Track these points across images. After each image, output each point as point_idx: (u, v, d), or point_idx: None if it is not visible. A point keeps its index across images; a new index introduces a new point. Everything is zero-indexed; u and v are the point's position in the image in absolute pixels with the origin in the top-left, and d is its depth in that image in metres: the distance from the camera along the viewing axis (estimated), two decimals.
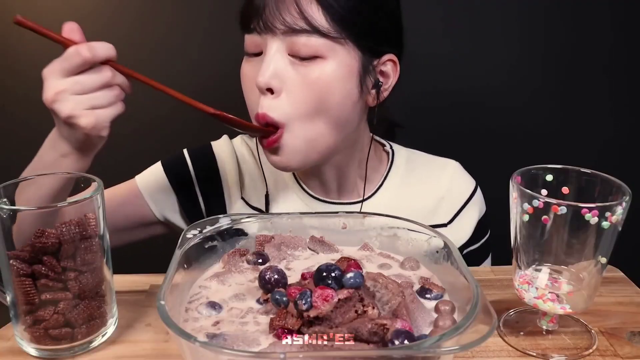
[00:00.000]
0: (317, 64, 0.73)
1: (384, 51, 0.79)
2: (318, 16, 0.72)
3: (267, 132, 0.75)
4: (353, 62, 0.75)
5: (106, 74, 0.65)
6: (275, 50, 0.73)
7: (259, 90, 0.74)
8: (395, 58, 0.80)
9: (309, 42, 0.72)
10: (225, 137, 0.95)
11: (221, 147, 0.93)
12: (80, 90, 0.64)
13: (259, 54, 0.76)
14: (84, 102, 0.64)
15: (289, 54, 0.73)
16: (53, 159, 0.69)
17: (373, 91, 0.79)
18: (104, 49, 0.65)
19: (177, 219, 0.91)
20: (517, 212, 0.56)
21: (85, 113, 0.64)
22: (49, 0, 1.20)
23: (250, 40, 0.76)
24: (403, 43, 0.82)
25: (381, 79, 0.80)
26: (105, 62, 0.66)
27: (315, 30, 0.72)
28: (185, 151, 0.92)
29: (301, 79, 0.73)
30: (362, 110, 0.81)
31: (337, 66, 0.74)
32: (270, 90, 0.73)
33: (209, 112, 0.71)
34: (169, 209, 0.91)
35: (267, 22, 0.72)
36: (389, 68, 0.80)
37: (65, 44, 0.65)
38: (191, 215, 0.91)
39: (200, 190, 0.90)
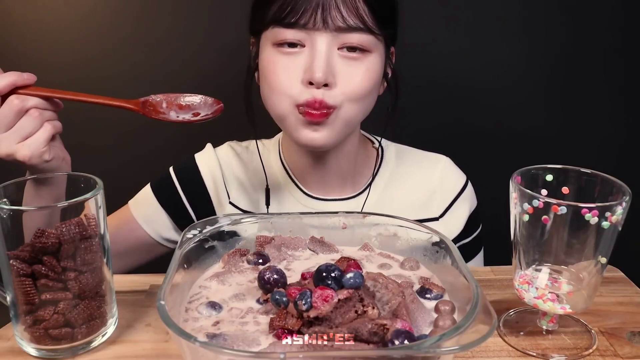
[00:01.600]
0: (365, 57, 0.77)
1: (392, 43, 0.84)
2: (368, 13, 0.75)
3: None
4: (384, 55, 0.81)
5: (13, 103, 0.64)
6: (327, 46, 0.75)
7: (315, 85, 0.75)
8: (394, 49, 0.86)
9: (361, 39, 0.76)
10: (208, 146, 0.95)
11: (204, 158, 0.94)
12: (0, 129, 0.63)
13: (296, 45, 0.76)
14: (11, 138, 0.64)
15: (338, 48, 0.76)
16: (33, 189, 0.69)
17: (382, 80, 0.84)
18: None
19: (173, 236, 0.93)
20: (517, 212, 0.56)
21: (18, 147, 0.64)
22: (48, 0, 1.20)
23: (289, 34, 0.76)
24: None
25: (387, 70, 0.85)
26: (10, 91, 0.64)
27: (367, 28, 0.75)
28: (171, 169, 0.94)
29: (352, 71, 0.77)
30: None
31: (378, 59, 0.79)
32: (325, 85, 0.75)
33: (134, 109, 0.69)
34: (164, 228, 0.92)
35: (327, 18, 0.74)
36: (391, 58, 0.86)
37: None
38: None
39: (190, 204, 0.92)
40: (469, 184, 0.95)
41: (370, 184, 0.91)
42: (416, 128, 1.09)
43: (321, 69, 0.74)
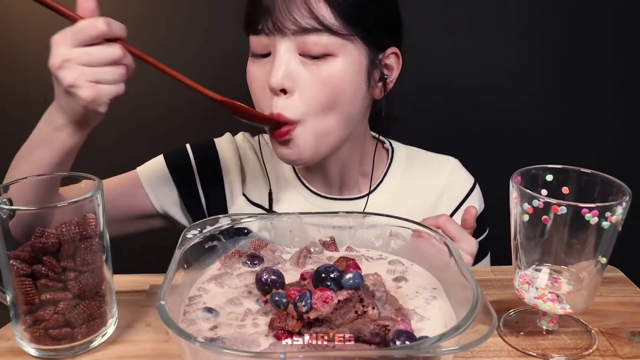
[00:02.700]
0: (328, 61, 0.74)
1: (388, 44, 0.81)
2: (327, 14, 0.72)
3: (278, 123, 0.75)
4: (361, 58, 0.77)
5: (116, 51, 0.65)
6: (286, 51, 0.74)
7: (271, 92, 0.74)
8: (397, 51, 0.82)
9: (320, 41, 0.73)
10: (228, 134, 0.96)
11: (224, 143, 0.93)
12: (88, 62, 0.64)
13: (266, 54, 0.76)
14: (89, 74, 0.64)
15: (299, 54, 0.74)
16: (47, 132, 0.69)
17: (379, 84, 0.82)
18: (119, 26, 0.65)
19: (176, 212, 0.91)
20: (517, 212, 0.56)
21: (88, 85, 0.64)
22: None
23: (257, 42, 0.76)
24: (402, 35, 0.84)
25: (386, 72, 0.82)
26: (116, 40, 0.66)
27: (325, 29, 0.72)
28: (188, 145, 0.93)
29: (313, 77, 0.74)
30: (368, 104, 0.83)
31: (347, 63, 0.75)
32: (283, 91, 0.74)
33: (217, 99, 0.71)
34: (169, 202, 0.91)
35: (277, 22, 0.72)
36: (393, 61, 0.83)
37: (77, 20, 0.64)
38: (191, 209, 0.91)
39: (201, 184, 0.91)
40: (477, 186, 0.94)
41: (378, 186, 0.91)
42: (419, 128, 1.09)
43: (277, 75, 0.73)
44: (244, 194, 0.91)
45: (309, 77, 0.74)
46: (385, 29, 0.80)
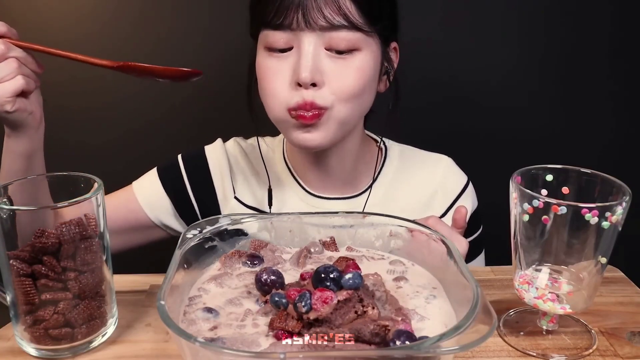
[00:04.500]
0: (354, 55, 0.77)
1: (392, 38, 0.84)
2: (353, 11, 0.74)
3: (187, 75, 0.73)
4: (378, 51, 0.80)
5: None
6: (314, 46, 0.75)
7: (302, 86, 0.75)
8: (397, 45, 0.85)
9: (347, 37, 0.75)
10: (218, 141, 0.97)
11: (213, 150, 0.95)
12: None
13: (286, 49, 0.77)
14: None
15: (325, 48, 0.76)
16: (5, 140, 0.71)
17: (384, 78, 0.84)
18: None
19: (173, 223, 0.93)
20: (517, 212, 0.56)
21: None
22: (49, 0, 1.20)
23: (278, 37, 0.76)
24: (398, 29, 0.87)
25: (389, 66, 0.85)
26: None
27: (352, 25, 0.75)
28: (179, 156, 0.94)
29: (340, 70, 0.76)
30: (374, 97, 0.84)
31: (370, 56, 0.78)
32: (313, 84, 0.75)
33: (113, 66, 0.69)
34: (164, 213, 0.92)
35: (308, 18, 0.73)
36: (394, 55, 0.86)
37: None
38: (186, 218, 0.93)
39: (193, 193, 0.92)
40: (470, 184, 0.95)
41: (372, 183, 0.91)
42: (417, 128, 1.09)
43: (307, 69, 0.74)
44: (236, 197, 0.92)
45: (337, 69, 0.76)
46: (391, 23, 0.82)
